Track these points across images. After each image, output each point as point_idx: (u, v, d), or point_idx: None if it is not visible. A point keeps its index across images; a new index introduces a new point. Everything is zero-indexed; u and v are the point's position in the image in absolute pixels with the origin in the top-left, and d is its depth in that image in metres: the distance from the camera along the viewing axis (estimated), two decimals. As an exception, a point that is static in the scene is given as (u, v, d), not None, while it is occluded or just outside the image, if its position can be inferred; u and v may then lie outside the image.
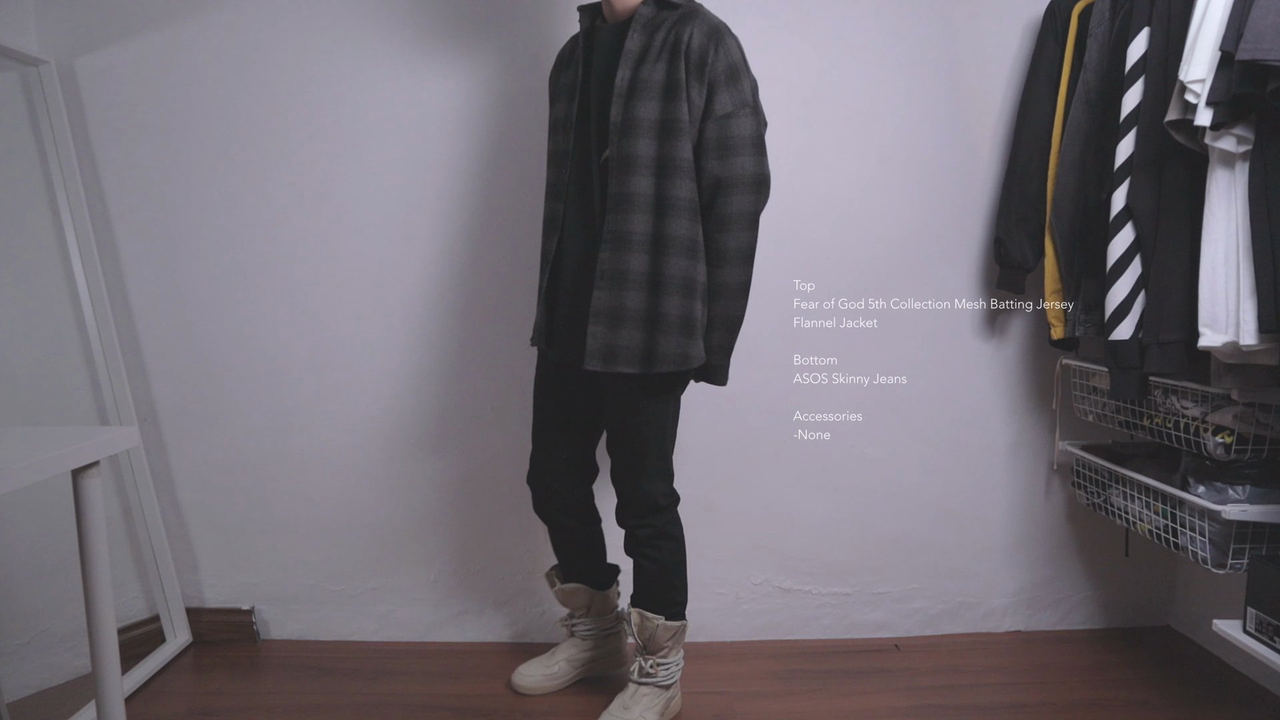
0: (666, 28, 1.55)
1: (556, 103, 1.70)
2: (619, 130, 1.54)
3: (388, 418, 2.16)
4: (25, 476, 1.10)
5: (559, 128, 1.68)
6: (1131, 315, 1.65)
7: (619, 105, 1.54)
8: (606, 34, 1.61)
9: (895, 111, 2.10)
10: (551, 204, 1.69)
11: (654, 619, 1.76)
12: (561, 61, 1.75)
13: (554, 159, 1.69)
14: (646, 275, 1.55)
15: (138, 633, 2.11)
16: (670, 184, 1.53)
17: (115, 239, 2.09)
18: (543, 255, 1.71)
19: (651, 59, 1.54)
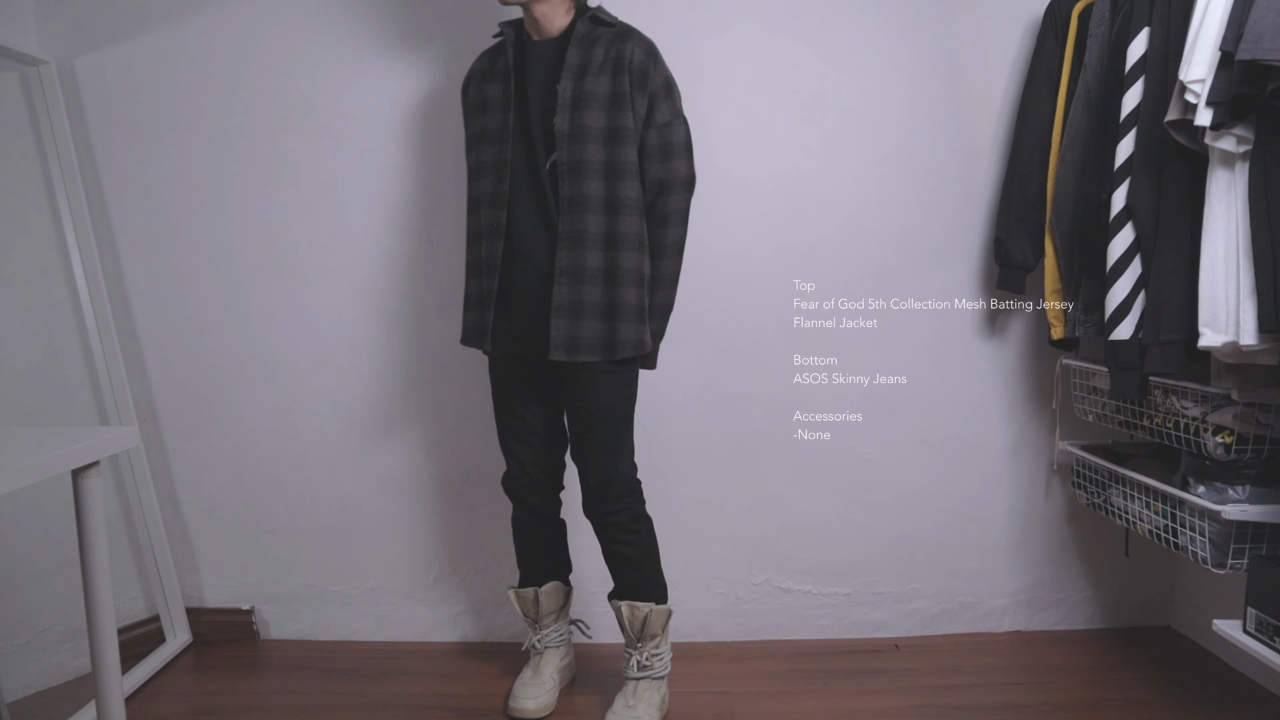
0: (604, 44, 1.67)
1: (483, 114, 1.72)
2: (568, 137, 1.64)
3: (388, 418, 2.16)
4: (25, 476, 1.09)
5: (491, 139, 1.70)
6: (1131, 315, 1.65)
7: (565, 114, 1.64)
8: (539, 49, 1.70)
9: (895, 112, 2.11)
10: (492, 212, 1.69)
11: (644, 607, 1.80)
12: (481, 75, 1.75)
13: (490, 169, 1.70)
14: (602, 270, 1.66)
15: (138, 633, 2.11)
16: (619, 186, 1.65)
17: (115, 239, 2.09)
18: (485, 261, 1.71)
19: (594, 72, 1.65)
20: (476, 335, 1.76)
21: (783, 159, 2.11)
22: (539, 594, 1.90)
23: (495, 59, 1.75)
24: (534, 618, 1.92)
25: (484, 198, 1.71)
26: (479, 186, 1.73)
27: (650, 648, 1.82)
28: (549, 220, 1.67)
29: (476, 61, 1.80)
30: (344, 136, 2.08)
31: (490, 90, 1.72)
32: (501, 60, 1.72)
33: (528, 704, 1.83)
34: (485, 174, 1.71)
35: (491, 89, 1.72)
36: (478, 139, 1.74)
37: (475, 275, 1.77)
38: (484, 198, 1.71)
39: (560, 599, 1.94)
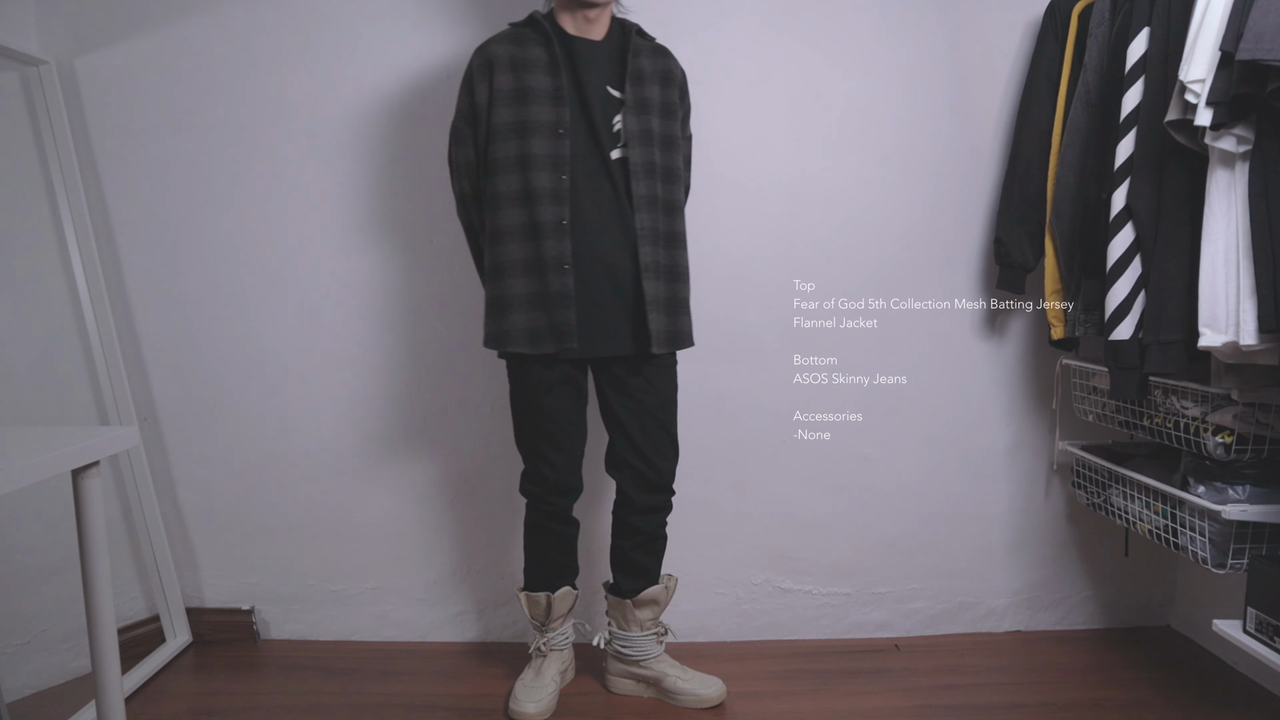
0: (648, 56, 1.76)
1: (524, 104, 1.66)
2: (638, 139, 1.70)
3: (388, 418, 2.16)
4: (25, 476, 1.09)
5: (542, 132, 1.66)
6: (1131, 315, 1.65)
7: (633, 116, 1.70)
8: (587, 47, 1.72)
9: (895, 111, 2.11)
10: (553, 208, 1.66)
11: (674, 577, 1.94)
12: (513, 63, 1.68)
13: (545, 163, 1.66)
14: (668, 267, 1.75)
15: (138, 633, 2.11)
16: (673, 189, 1.76)
17: (115, 239, 2.09)
18: (552, 258, 1.66)
19: (647, 80, 1.73)
20: (546, 337, 1.68)
21: (782, 159, 2.11)
22: (551, 600, 1.89)
23: (524, 47, 1.69)
24: (542, 621, 1.91)
25: (540, 192, 1.65)
26: (528, 180, 1.66)
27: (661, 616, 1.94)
28: (621, 216, 1.70)
29: (495, 47, 1.71)
30: (344, 136, 2.08)
31: (532, 80, 1.67)
32: (538, 51, 1.69)
33: (529, 707, 1.82)
34: (538, 167, 1.65)
35: (534, 79, 1.67)
36: (516, 129, 1.67)
37: (525, 274, 1.68)
38: (540, 192, 1.65)
39: (570, 603, 1.93)
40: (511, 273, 1.69)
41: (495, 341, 1.73)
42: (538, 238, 1.67)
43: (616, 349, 1.74)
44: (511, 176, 1.68)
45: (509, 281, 1.69)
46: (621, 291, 1.71)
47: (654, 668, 1.91)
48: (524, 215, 1.68)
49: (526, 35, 1.72)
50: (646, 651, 1.91)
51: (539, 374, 1.75)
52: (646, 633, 1.91)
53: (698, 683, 1.89)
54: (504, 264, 1.70)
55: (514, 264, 1.69)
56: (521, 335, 1.70)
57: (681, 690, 1.88)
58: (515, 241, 1.68)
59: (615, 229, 1.70)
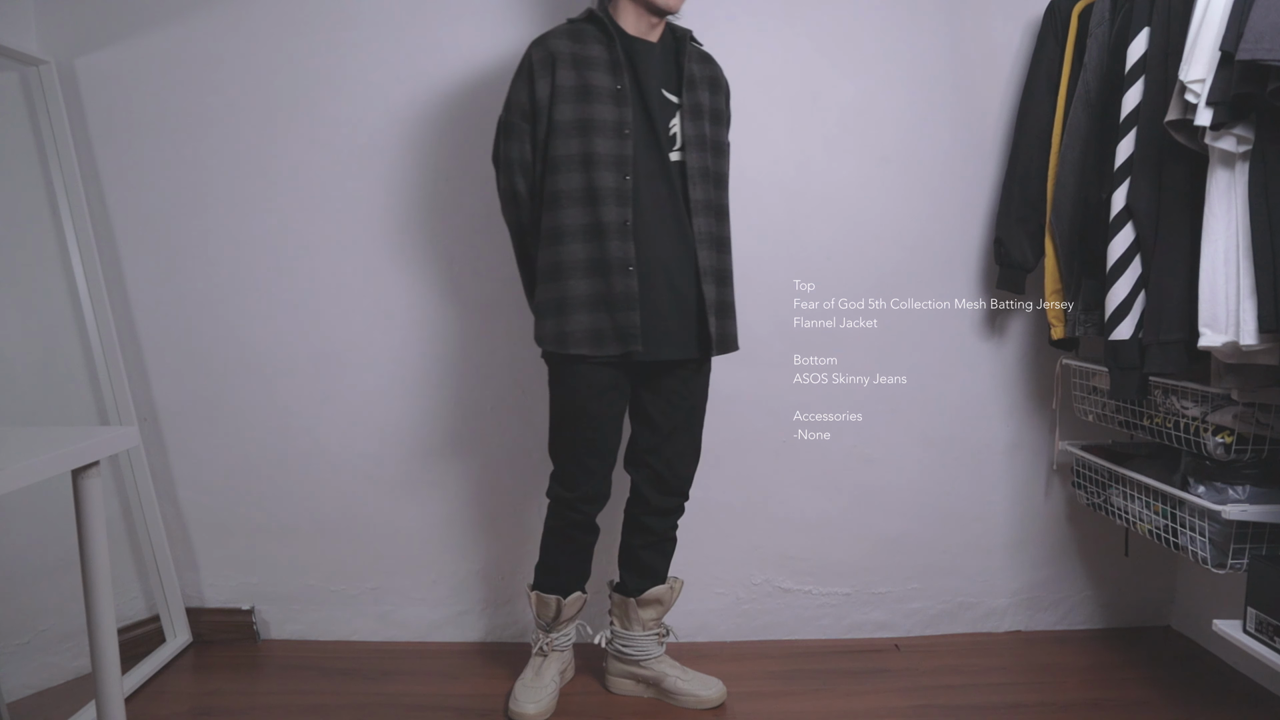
0: (697, 62, 1.77)
1: (588, 102, 1.64)
2: (694, 143, 1.71)
3: (388, 418, 2.16)
4: (25, 476, 1.09)
5: (606, 131, 1.64)
6: (1131, 315, 1.65)
7: (689, 121, 1.71)
8: (644, 49, 1.71)
9: (896, 112, 2.11)
10: (619, 209, 1.63)
11: (676, 582, 1.94)
12: (574, 60, 1.66)
13: (610, 163, 1.64)
14: (719, 271, 1.77)
15: (138, 633, 2.11)
16: (721, 194, 1.79)
17: (115, 239, 2.09)
18: (617, 259, 1.64)
19: (699, 86, 1.75)
20: (610, 338, 1.65)
21: (783, 159, 2.11)
22: (562, 604, 1.87)
23: (584, 45, 1.67)
24: (549, 622, 1.90)
25: (604, 192, 1.63)
26: (592, 179, 1.63)
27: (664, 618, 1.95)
28: (679, 219, 1.70)
29: (555, 42, 1.67)
30: (344, 136, 2.08)
31: (595, 79, 1.65)
32: (599, 49, 1.67)
33: (529, 708, 1.82)
34: (602, 167, 1.63)
35: (596, 78, 1.65)
36: (579, 127, 1.64)
37: (588, 274, 1.65)
38: (604, 192, 1.63)
39: (578, 607, 1.92)
40: (573, 273, 1.65)
41: (555, 342, 1.68)
42: (602, 238, 1.64)
43: (677, 352, 1.73)
44: (574, 175, 1.65)
45: (571, 282, 1.65)
46: (679, 295, 1.71)
47: (654, 668, 1.91)
48: (587, 215, 1.65)
49: (586, 32, 1.69)
50: (647, 652, 1.91)
51: (590, 377, 1.70)
52: (648, 633, 1.91)
53: (698, 683, 1.89)
54: (565, 264, 1.66)
55: (576, 264, 1.65)
56: (584, 337, 1.66)
57: (681, 691, 1.88)
58: (577, 241, 1.65)
59: (674, 231, 1.70)
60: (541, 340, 1.71)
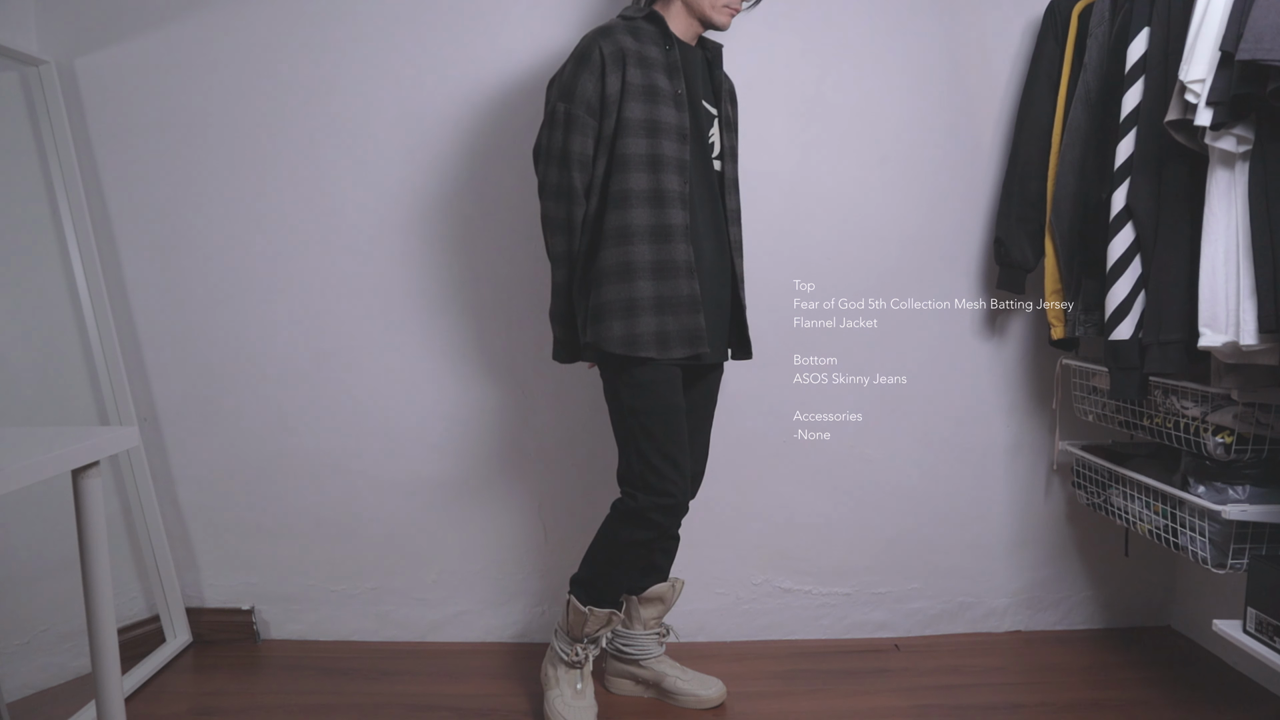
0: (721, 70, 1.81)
1: (654, 103, 1.62)
2: (729, 155, 1.79)
3: (388, 418, 2.16)
4: (25, 476, 1.09)
5: (670, 134, 1.63)
6: (1131, 315, 1.65)
7: (725, 133, 1.78)
8: (691, 55, 1.74)
9: (896, 112, 2.11)
10: (681, 212, 1.63)
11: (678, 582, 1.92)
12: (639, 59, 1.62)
13: (674, 166, 1.63)
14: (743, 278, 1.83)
15: (138, 633, 2.11)
16: (738, 201, 1.83)
17: (115, 239, 2.09)
18: (683, 262, 1.63)
19: (725, 98, 1.81)
20: (680, 341, 1.63)
21: (782, 158, 2.11)
22: (614, 616, 1.79)
23: (642, 44, 1.64)
24: (590, 634, 1.80)
25: (669, 195, 1.62)
26: (660, 181, 1.62)
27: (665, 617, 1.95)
28: (719, 225, 1.75)
29: (621, 38, 1.62)
30: (344, 136, 2.08)
31: (658, 80, 1.63)
32: (657, 52, 1.65)
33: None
34: (668, 170, 1.62)
35: (659, 79, 1.63)
36: (648, 128, 1.61)
37: (654, 276, 1.62)
38: (669, 195, 1.62)
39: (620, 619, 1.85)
40: (642, 274, 1.62)
41: (625, 345, 1.62)
42: (668, 240, 1.63)
43: (720, 355, 1.79)
44: (643, 175, 1.62)
45: (639, 284, 1.61)
46: (722, 298, 1.76)
47: (654, 668, 1.91)
48: (654, 217, 1.62)
49: (644, 31, 1.66)
50: (647, 651, 1.91)
51: (669, 375, 1.67)
52: (649, 631, 1.91)
53: (697, 683, 1.89)
54: (634, 265, 1.61)
55: (644, 266, 1.62)
56: (652, 340, 1.63)
57: (681, 690, 1.88)
58: (644, 242, 1.62)
59: (715, 237, 1.75)
60: (607, 343, 1.62)
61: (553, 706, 1.78)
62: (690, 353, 1.65)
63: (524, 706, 1.90)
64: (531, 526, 2.19)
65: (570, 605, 1.78)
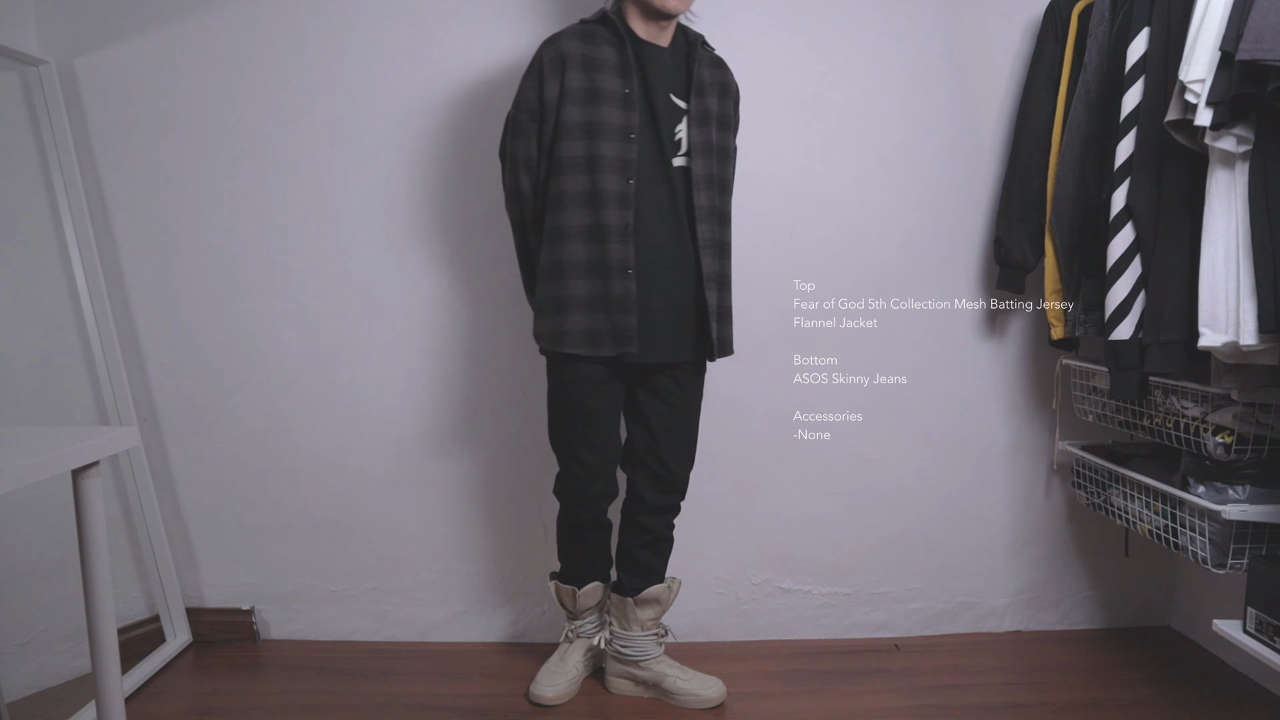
0: (707, 66, 1.78)
1: (595, 105, 1.66)
2: (699, 150, 1.73)
3: (388, 418, 2.16)
4: (25, 476, 1.09)
5: (612, 134, 1.66)
6: (1131, 315, 1.65)
7: (696, 127, 1.73)
8: (655, 53, 1.73)
9: (895, 112, 2.11)
10: (619, 212, 1.66)
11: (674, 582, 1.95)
12: (584, 62, 1.67)
13: (613, 165, 1.66)
14: (719, 276, 1.79)
15: (138, 633, 2.11)
16: (725, 200, 1.81)
17: (115, 239, 2.09)
18: (616, 262, 1.66)
19: (708, 91, 1.76)
20: (606, 339, 1.69)
21: (783, 158, 2.11)
22: (578, 594, 1.93)
23: (595, 46, 1.69)
24: (571, 610, 1.95)
25: (607, 194, 1.66)
26: (596, 181, 1.66)
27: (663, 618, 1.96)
28: (679, 225, 1.73)
29: (566, 43, 1.69)
30: (343, 136, 2.08)
31: (604, 82, 1.67)
32: (609, 51, 1.69)
33: (546, 691, 1.88)
34: (606, 170, 1.66)
35: (605, 81, 1.67)
36: (585, 129, 1.66)
37: (587, 275, 1.68)
38: (607, 194, 1.66)
39: (598, 596, 1.96)
40: (574, 274, 1.68)
41: (552, 341, 1.71)
42: (603, 240, 1.67)
43: (671, 355, 1.76)
44: (579, 177, 1.67)
45: (571, 282, 1.68)
46: (676, 299, 1.74)
47: (653, 668, 1.91)
48: (589, 217, 1.67)
49: (598, 33, 1.71)
50: (646, 652, 1.91)
51: (586, 375, 1.74)
52: (647, 633, 1.91)
53: (697, 683, 1.89)
54: (566, 264, 1.68)
55: (576, 265, 1.68)
56: (580, 336, 1.69)
57: (681, 690, 1.88)
58: (579, 243, 1.68)
59: (673, 236, 1.73)
60: (539, 337, 1.75)
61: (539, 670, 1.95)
62: (618, 351, 1.69)
63: (524, 707, 1.89)
64: (531, 526, 2.19)
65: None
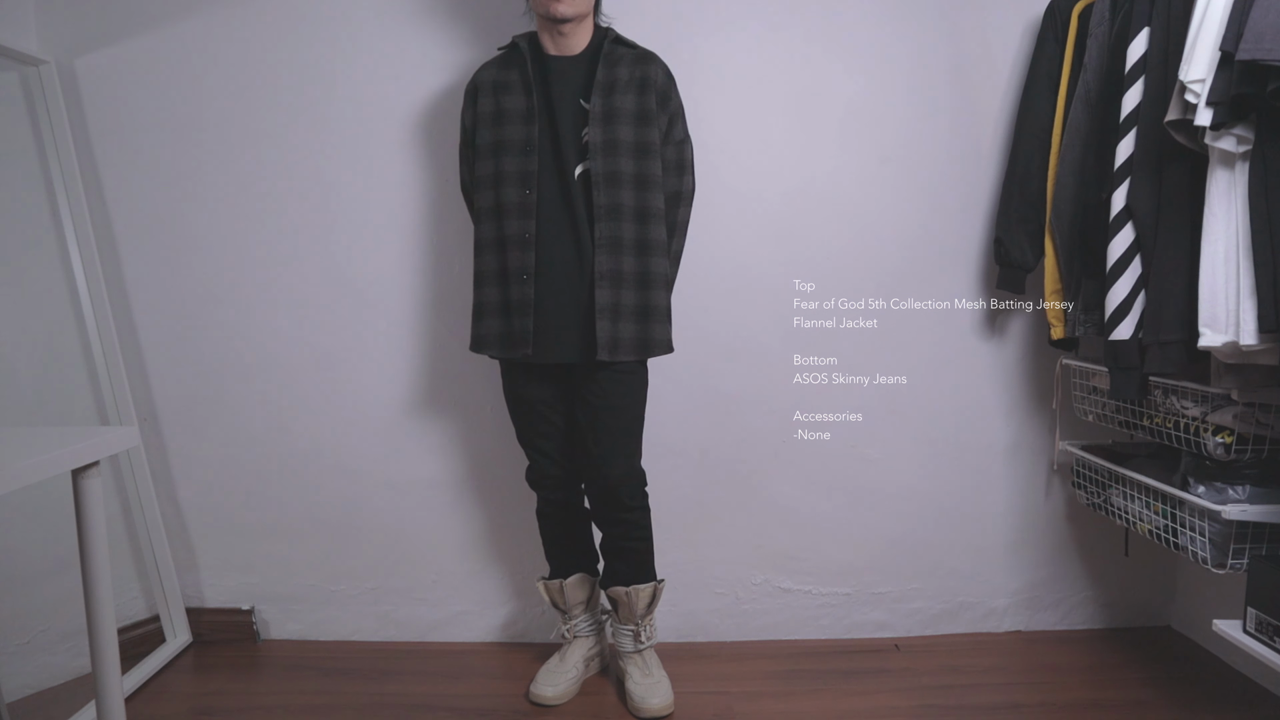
0: (628, 64, 1.77)
1: (501, 125, 1.76)
2: (601, 150, 1.73)
3: (388, 417, 2.16)
4: (25, 476, 1.09)
5: (513, 150, 1.75)
6: (1131, 315, 1.65)
7: (598, 128, 1.73)
8: (561, 64, 1.78)
9: (896, 111, 2.11)
10: (519, 222, 1.74)
11: (647, 587, 1.91)
12: (495, 87, 1.78)
13: (514, 179, 1.75)
14: (636, 274, 1.76)
15: (138, 633, 2.11)
16: (648, 196, 1.77)
17: (115, 239, 2.09)
18: (515, 269, 1.75)
19: (620, 90, 1.75)
20: (510, 342, 1.78)
21: (783, 159, 2.11)
22: (564, 586, 1.95)
23: (507, 71, 1.80)
24: (563, 608, 1.97)
25: (508, 207, 1.75)
26: (499, 196, 1.76)
27: (648, 621, 1.93)
28: (577, 229, 1.75)
29: (482, 72, 1.83)
30: (343, 137, 2.08)
31: (508, 102, 1.77)
32: (517, 73, 1.77)
33: (546, 691, 1.89)
34: (508, 184, 1.75)
35: (510, 101, 1.77)
36: (493, 149, 1.77)
37: (496, 283, 1.78)
38: (508, 207, 1.75)
39: (586, 590, 1.98)
40: (487, 282, 1.80)
41: (476, 345, 1.83)
42: (504, 250, 1.77)
43: (570, 356, 1.78)
44: (488, 193, 1.78)
45: (485, 290, 1.80)
46: (578, 302, 1.76)
47: (623, 663, 1.94)
48: (495, 229, 1.78)
49: (510, 58, 1.81)
50: (621, 644, 1.95)
51: (518, 372, 1.85)
52: (624, 626, 1.94)
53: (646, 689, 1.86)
54: (481, 274, 1.81)
55: (488, 274, 1.80)
56: (494, 340, 1.80)
57: (630, 693, 1.87)
58: (489, 253, 1.79)
59: (572, 240, 1.75)
60: (470, 343, 1.85)
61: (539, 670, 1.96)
62: (517, 353, 1.77)
63: (524, 707, 1.90)
64: (531, 526, 2.18)
65: None
